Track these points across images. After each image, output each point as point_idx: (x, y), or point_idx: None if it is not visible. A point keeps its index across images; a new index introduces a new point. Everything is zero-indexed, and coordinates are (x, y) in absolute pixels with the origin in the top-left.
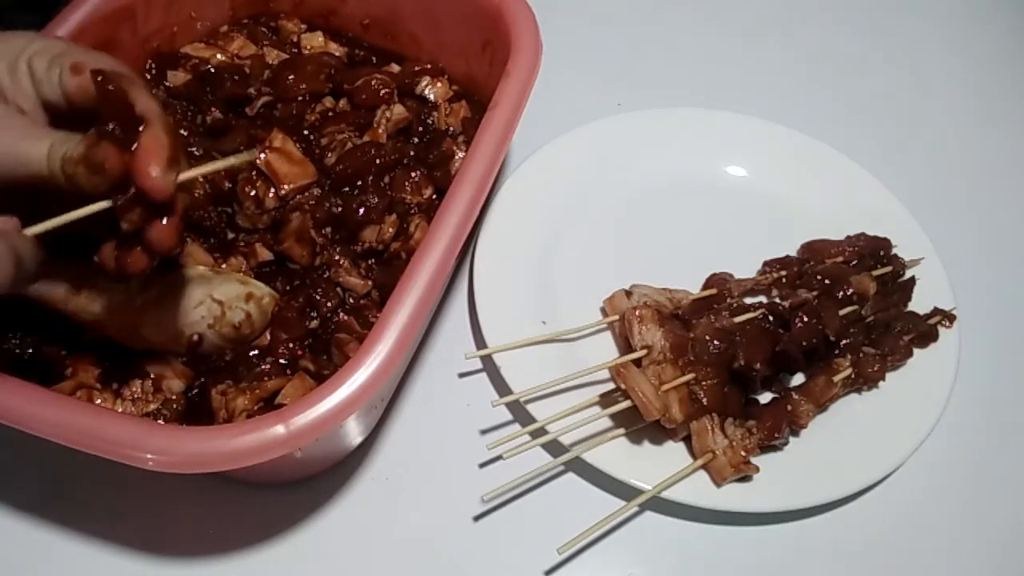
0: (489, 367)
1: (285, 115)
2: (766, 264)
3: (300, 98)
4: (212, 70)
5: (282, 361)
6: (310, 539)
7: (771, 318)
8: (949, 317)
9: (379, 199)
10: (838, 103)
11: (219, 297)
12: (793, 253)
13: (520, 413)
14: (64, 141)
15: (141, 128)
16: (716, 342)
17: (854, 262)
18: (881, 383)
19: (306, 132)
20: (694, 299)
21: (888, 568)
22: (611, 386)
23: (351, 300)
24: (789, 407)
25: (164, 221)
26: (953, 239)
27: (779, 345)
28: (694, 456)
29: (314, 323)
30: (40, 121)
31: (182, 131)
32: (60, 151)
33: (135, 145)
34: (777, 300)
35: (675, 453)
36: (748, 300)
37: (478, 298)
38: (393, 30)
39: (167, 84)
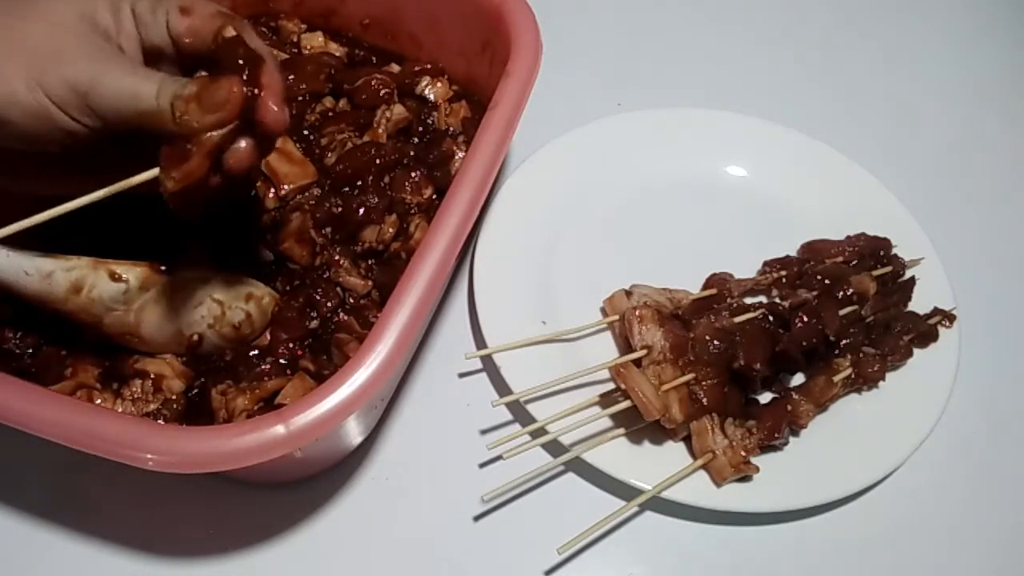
0: (489, 367)
1: None
2: (766, 264)
3: (300, 98)
4: None
5: (282, 361)
6: (310, 539)
7: (771, 318)
8: (949, 317)
9: (379, 199)
10: (838, 103)
11: (219, 297)
12: (793, 253)
13: (520, 413)
14: (172, 81)
15: (261, 66)
16: (716, 342)
17: (854, 262)
18: (881, 383)
19: (306, 132)
20: (694, 299)
21: (888, 568)
22: (611, 386)
23: (351, 300)
24: (789, 407)
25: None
26: (953, 239)
27: (779, 345)
28: (694, 456)
29: (314, 323)
30: (141, 63)
31: None
32: (170, 89)
33: (259, 81)
34: (777, 300)
35: (675, 453)
36: (748, 300)
37: (478, 298)
38: (393, 30)
39: None
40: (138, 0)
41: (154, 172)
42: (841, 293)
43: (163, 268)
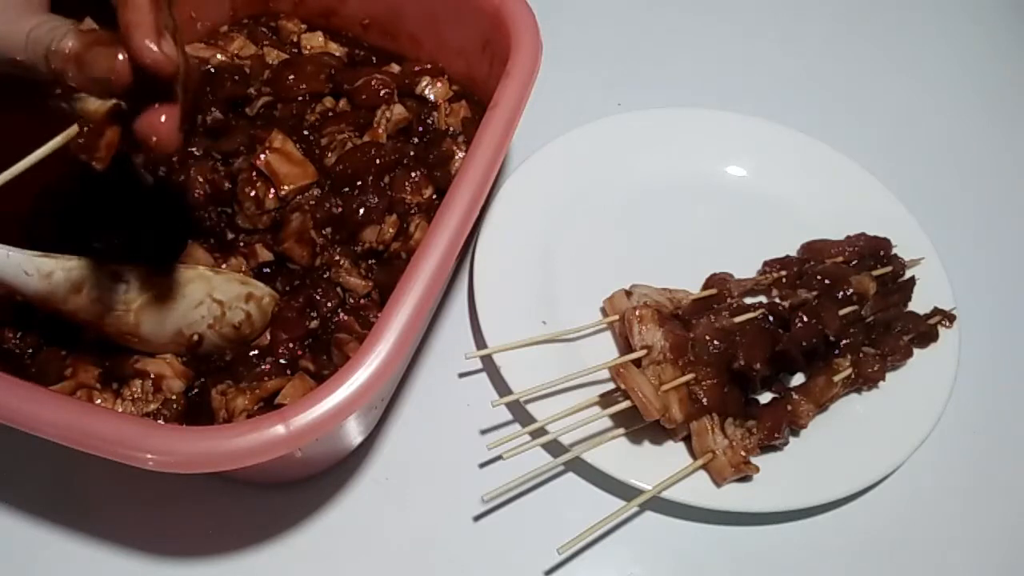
0: (489, 367)
1: (285, 115)
2: (766, 264)
3: (300, 98)
4: (212, 70)
5: (282, 361)
6: (310, 539)
7: (771, 318)
8: (949, 317)
9: (379, 199)
10: (838, 103)
11: (219, 297)
12: (793, 253)
13: (520, 413)
14: (52, 29)
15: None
16: (716, 342)
17: (854, 262)
18: (881, 383)
19: (306, 132)
20: (694, 299)
21: (888, 568)
22: (611, 386)
23: (351, 300)
24: (789, 407)
25: (163, 117)
26: (953, 239)
27: (779, 345)
28: (694, 456)
29: (314, 323)
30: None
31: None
32: (45, 39)
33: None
34: (777, 300)
35: (675, 453)
36: (748, 300)
37: (478, 298)
38: (393, 30)
39: None
40: None
41: (71, 132)
42: (841, 293)
43: (163, 268)
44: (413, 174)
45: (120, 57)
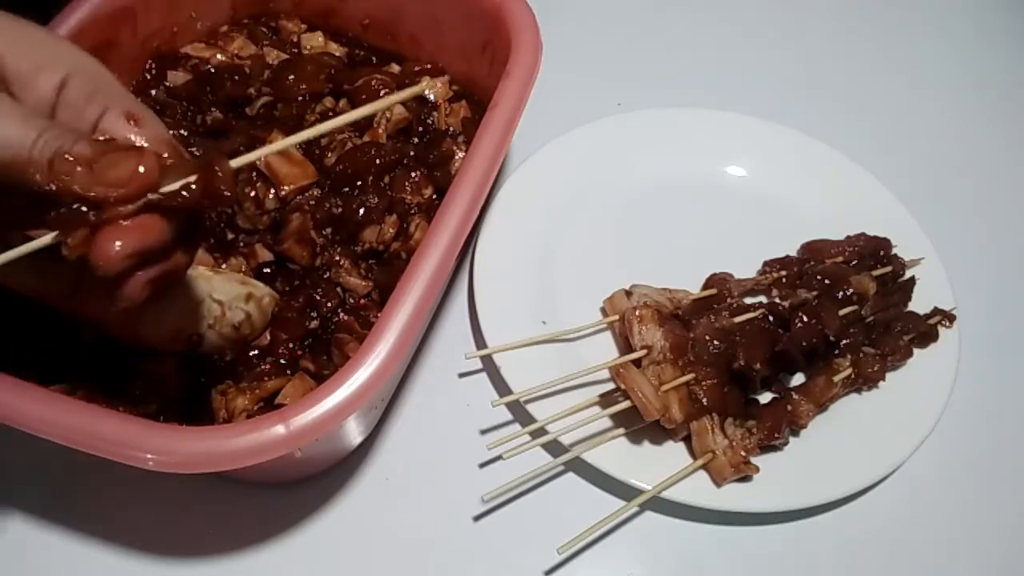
0: (489, 367)
1: (285, 115)
2: (766, 264)
3: (300, 98)
4: (212, 70)
5: (282, 361)
6: (310, 539)
7: (771, 318)
8: (949, 317)
9: (379, 199)
10: (838, 103)
11: (219, 297)
12: (793, 253)
13: (520, 413)
14: (61, 133)
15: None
16: (716, 342)
17: (854, 262)
18: (881, 383)
19: None
20: (694, 299)
21: (888, 568)
22: (611, 386)
23: (351, 300)
24: (789, 407)
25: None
26: (953, 239)
27: (779, 345)
28: (694, 456)
29: (314, 323)
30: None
31: (182, 131)
32: (55, 143)
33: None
34: (777, 300)
35: (675, 453)
36: (748, 300)
37: (478, 298)
38: (393, 30)
39: (167, 84)
40: (76, 74)
41: (50, 237)
42: (841, 293)
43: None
44: (413, 174)
45: (145, 165)
